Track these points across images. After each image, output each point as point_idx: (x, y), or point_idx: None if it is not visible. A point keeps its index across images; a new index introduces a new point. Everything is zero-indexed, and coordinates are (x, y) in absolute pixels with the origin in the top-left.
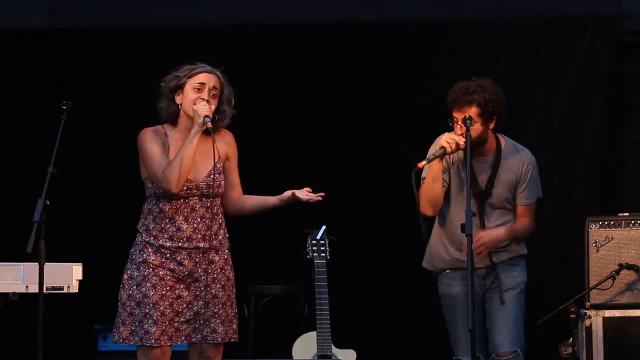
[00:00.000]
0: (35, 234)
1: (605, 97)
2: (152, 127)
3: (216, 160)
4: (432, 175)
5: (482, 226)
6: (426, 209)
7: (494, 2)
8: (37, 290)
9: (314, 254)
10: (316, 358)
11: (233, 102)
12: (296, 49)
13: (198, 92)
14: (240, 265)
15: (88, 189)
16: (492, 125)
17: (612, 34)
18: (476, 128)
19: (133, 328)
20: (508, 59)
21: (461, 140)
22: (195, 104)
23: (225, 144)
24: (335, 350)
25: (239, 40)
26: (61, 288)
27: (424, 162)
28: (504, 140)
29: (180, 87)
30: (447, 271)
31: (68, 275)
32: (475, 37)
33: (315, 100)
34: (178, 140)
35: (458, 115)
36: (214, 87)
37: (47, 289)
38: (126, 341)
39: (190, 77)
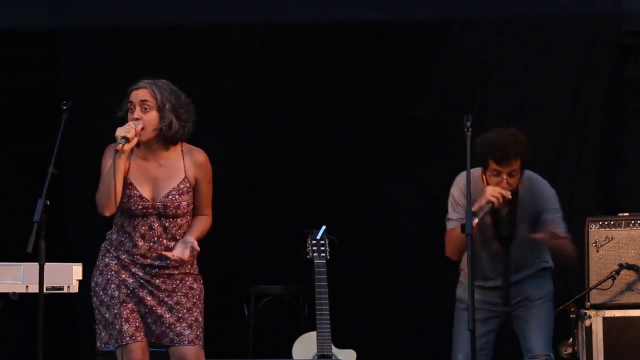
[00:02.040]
0: (35, 234)
1: (606, 97)
2: (114, 144)
3: (179, 181)
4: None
5: (507, 267)
6: (452, 254)
7: (494, 3)
8: (37, 290)
9: (314, 254)
10: (316, 358)
11: (169, 105)
12: (296, 49)
13: (132, 113)
14: (241, 265)
15: (88, 189)
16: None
17: (612, 34)
18: (518, 177)
19: (111, 332)
20: (509, 59)
21: (508, 194)
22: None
23: (194, 165)
24: (335, 350)
25: (238, 40)
26: (61, 288)
27: (476, 221)
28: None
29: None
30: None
31: (68, 275)
32: (476, 38)
33: (314, 100)
34: (139, 158)
35: (503, 170)
36: (143, 101)
37: (47, 289)
38: (107, 345)
39: (127, 98)
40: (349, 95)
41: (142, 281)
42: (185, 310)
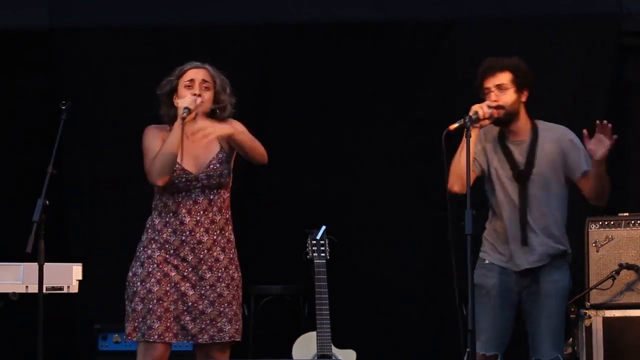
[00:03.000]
0: (35, 234)
1: (606, 97)
2: (157, 125)
3: (217, 151)
4: (468, 146)
5: (524, 211)
6: (453, 183)
7: (494, 3)
8: (37, 291)
9: (314, 254)
10: (316, 358)
11: (229, 89)
12: (296, 49)
13: (189, 89)
14: (241, 265)
15: (88, 188)
16: (524, 98)
17: (612, 34)
18: (510, 94)
19: (136, 324)
20: None
21: (492, 104)
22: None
23: (225, 128)
24: (335, 350)
25: (238, 40)
26: (61, 288)
27: (455, 125)
28: (540, 122)
29: (174, 90)
30: (487, 261)
31: (68, 275)
32: (476, 38)
33: (315, 100)
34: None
35: (490, 84)
36: (204, 80)
37: (47, 289)
38: (129, 337)
39: (180, 77)
40: (349, 95)
41: (185, 272)
42: (226, 304)
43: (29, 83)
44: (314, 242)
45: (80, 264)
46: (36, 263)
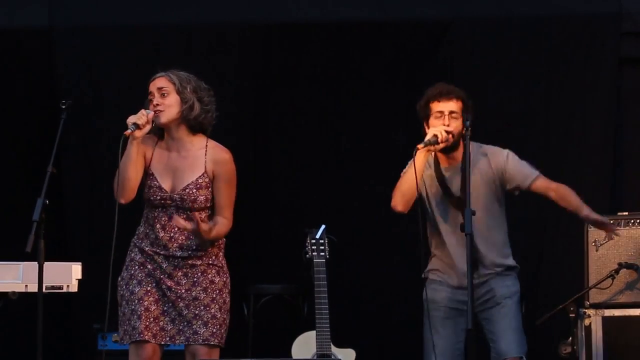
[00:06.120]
0: (35, 234)
1: (606, 97)
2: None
3: (199, 175)
4: (417, 168)
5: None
6: (397, 202)
7: (494, 2)
8: (36, 290)
9: (314, 254)
10: (316, 357)
11: (190, 86)
12: (296, 49)
13: (152, 103)
14: (240, 265)
15: (88, 188)
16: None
17: (612, 34)
18: (459, 122)
19: (125, 327)
20: (508, 60)
21: (450, 129)
22: None
23: (214, 162)
24: (334, 349)
25: (239, 40)
26: (61, 287)
27: (422, 145)
28: (471, 145)
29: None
30: (436, 278)
31: (68, 275)
32: (476, 38)
33: (314, 100)
34: (162, 149)
35: (444, 108)
36: (160, 88)
37: (46, 289)
38: (122, 341)
39: (149, 93)
40: (349, 95)
41: (166, 274)
42: (202, 307)
43: (29, 83)
44: (314, 241)
45: (80, 263)
46: (36, 262)
